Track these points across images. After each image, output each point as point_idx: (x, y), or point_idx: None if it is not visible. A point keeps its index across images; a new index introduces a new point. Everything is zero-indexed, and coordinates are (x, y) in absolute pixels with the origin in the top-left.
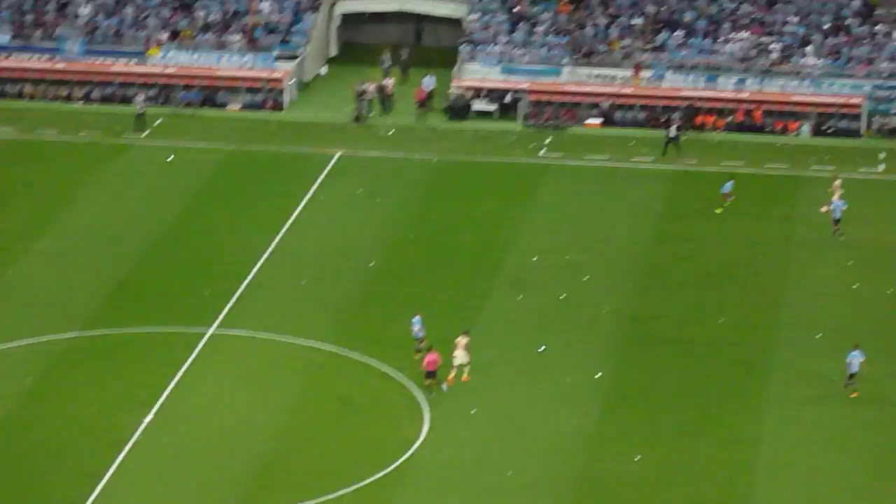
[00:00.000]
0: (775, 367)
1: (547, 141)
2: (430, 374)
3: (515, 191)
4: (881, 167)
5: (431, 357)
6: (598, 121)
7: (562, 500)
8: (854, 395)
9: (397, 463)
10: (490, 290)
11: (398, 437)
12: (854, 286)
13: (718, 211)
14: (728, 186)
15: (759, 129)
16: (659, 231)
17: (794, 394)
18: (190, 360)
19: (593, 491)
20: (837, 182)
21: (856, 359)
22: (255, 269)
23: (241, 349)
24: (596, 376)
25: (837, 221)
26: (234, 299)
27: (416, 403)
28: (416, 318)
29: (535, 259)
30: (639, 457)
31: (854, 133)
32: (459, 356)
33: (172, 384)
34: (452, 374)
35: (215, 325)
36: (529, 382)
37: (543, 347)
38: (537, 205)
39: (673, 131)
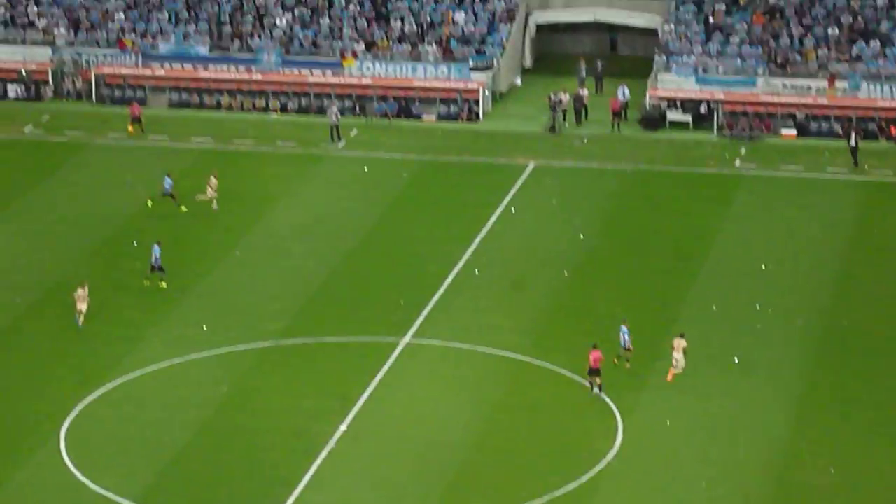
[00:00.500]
0: None
1: (742, 151)
2: (594, 372)
3: (710, 201)
4: None
5: (595, 355)
6: (792, 131)
7: None
8: None
9: (590, 474)
10: (684, 300)
11: (591, 447)
12: None
13: None
14: None
15: None
16: (853, 242)
17: None
18: (384, 369)
19: (788, 501)
20: None
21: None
22: (449, 279)
23: (435, 359)
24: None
25: None
26: (428, 309)
27: (610, 414)
28: (624, 328)
29: (728, 270)
30: (833, 469)
31: None
32: (678, 358)
33: (367, 393)
34: (671, 377)
35: (409, 334)
36: (723, 393)
37: (737, 359)
38: (732, 215)
39: (853, 140)
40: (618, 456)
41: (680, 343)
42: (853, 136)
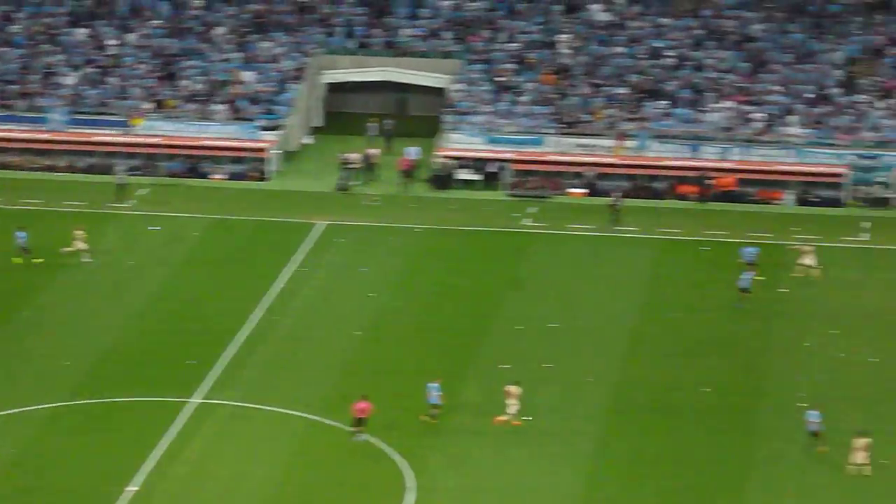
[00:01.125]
0: (759, 434)
1: (531, 210)
2: (359, 422)
3: (500, 260)
4: (865, 236)
5: (361, 405)
6: (582, 190)
7: None
8: (822, 449)
9: None
10: (476, 358)
11: None
12: (841, 355)
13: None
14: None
15: (739, 199)
16: (644, 300)
17: (779, 462)
18: (175, 428)
19: None
20: (807, 248)
21: (814, 419)
22: (240, 339)
23: (226, 417)
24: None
25: (743, 290)
26: (219, 368)
27: (400, 473)
28: (435, 385)
29: (520, 328)
30: None
31: (837, 202)
32: (512, 404)
33: (157, 453)
34: (505, 419)
35: (200, 393)
36: (515, 451)
37: (530, 417)
38: (522, 273)
39: (612, 200)
40: None
41: (513, 389)
42: (613, 196)
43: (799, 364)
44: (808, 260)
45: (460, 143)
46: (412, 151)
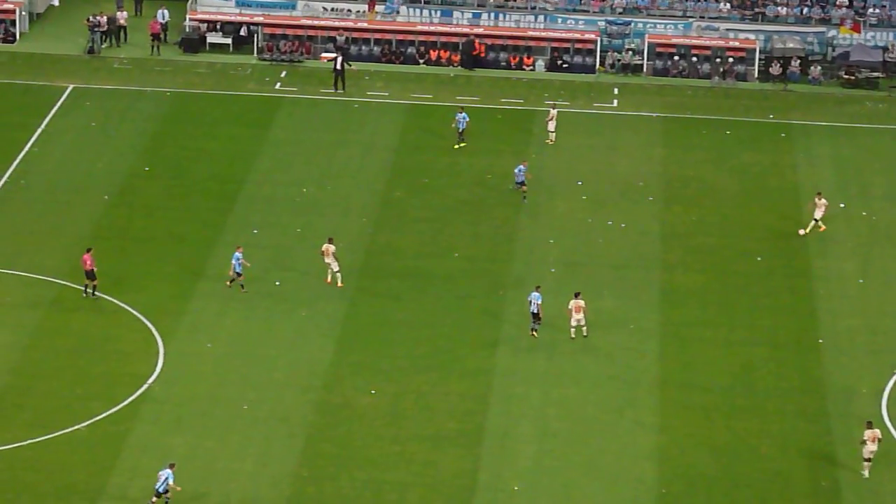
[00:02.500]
0: (509, 301)
1: (282, 74)
2: (89, 274)
3: (251, 124)
4: (615, 102)
5: (86, 257)
6: (333, 55)
7: (297, 433)
8: (533, 334)
9: (132, 397)
10: (224, 224)
11: (133, 371)
12: (589, 220)
13: (457, 146)
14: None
15: (493, 64)
16: (394, 165)
17: (528, 328)
18: None
19: (329, 424)
20: (553, 112)
21: (535, 300)
22: None
23: None
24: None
25: (520, 184)
26: None
27: (151, 338)
28: (237, 254)
29: (271, 192)
30: (373, 390)
31: (589, 69)
32: (331, 263)
33: None
34: (330, 279)
35: None
36: (265, 317)
37: (279, 282)
38: (273, 138)
39: (339, 64)
40: (158, 379)
41: (329, 248)
42: (338, 60)
43: (549, 229)
44: (552, 126)
45: (211, 5)
46: (162, 14)
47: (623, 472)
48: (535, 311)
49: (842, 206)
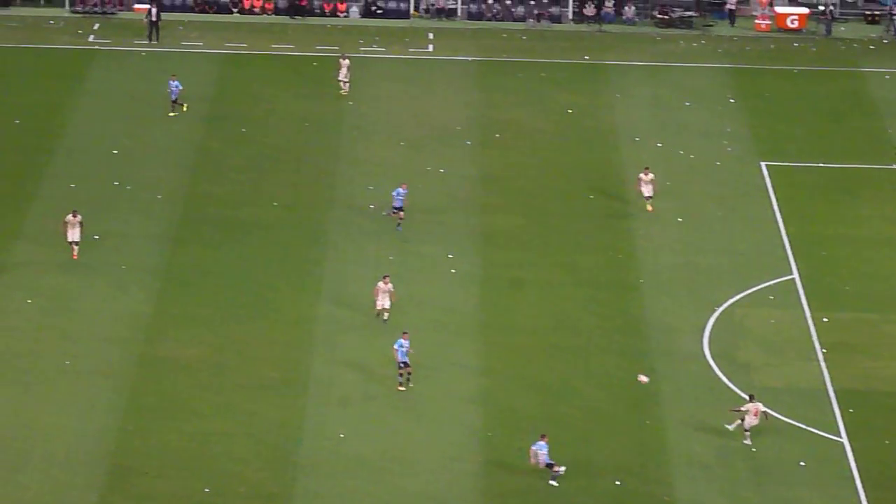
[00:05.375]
0: (331, 246)
1: (95, 27)
2: None
3: (64, 77)
4: (430, 47)
5: None
6: (145, 6)
7: (120, 386)
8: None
9: None
10: (41, 178)
11: None
12: (398, 162)
13: (172, 115)
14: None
15: (308, 12)
16: (210, 114)
17: (350, 273)
18: None
19: (152, 376)
20: (345, 62)
21: (403, 347)
22: None
23: None
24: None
25: (398, 209)
26: None
27: None
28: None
29: (85, 146)
30: (195, 341)
31: (403, 14)
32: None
33: None
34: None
35: None
36: (84, 272)
37: (98, 236)
38: (85, 91)
39: (153, 14)
40: None
41: None
42: (154, 10)
43: (368, 175)
44: (343, 74)
45: None
46: None
47: (448, 416)
48: (404, 360)
49: (659, 145)
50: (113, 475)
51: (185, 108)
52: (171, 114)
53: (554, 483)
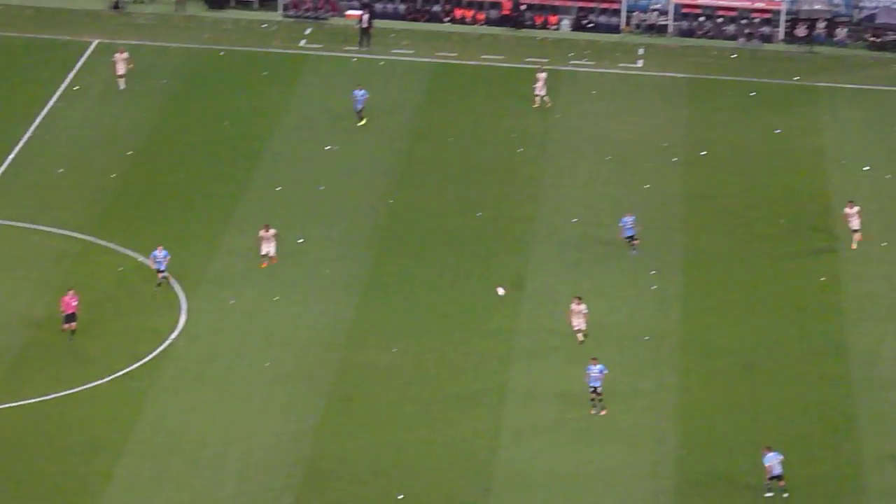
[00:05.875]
0: (534, 259)
1: (307, 31)
2: (70, 318)
3: (275, 81)
4: (639, 63)
5: (68, 299)
6: (358, 12)
7: (319, 391)
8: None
9: (154, 353)
10: (248, 181)
11: (154, 327)
12: (609, 181)
13: (360, 124)
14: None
15: (519, 23)
16: (419, 124)
17: (552, 286)
18: None
19: (350, 382)
20: (542, 75)
21: (596, 371)
22: (9, 158)
23: None
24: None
25: (630, 238)
26: None
27: (173, 294)
28: (163, 253)
29: (295, 149)
30: (396, 349)
31: (613, 29)
32: (266, 248)
33: None
34: (264, 265)
35: None
36: (288, 274)
37: (302, 240)
38: (296, 96)
39: (365, 21)
40: (181, 335)
41: (266, 233)
42: (365, 17)
43: (573, 189)
44: (539, 87)
45: None
46: None
47: (644, 434)
48: (594, 386)
49: (866, 168)
50: (309, 479)
51: (363, 122)
52: (360, 123)
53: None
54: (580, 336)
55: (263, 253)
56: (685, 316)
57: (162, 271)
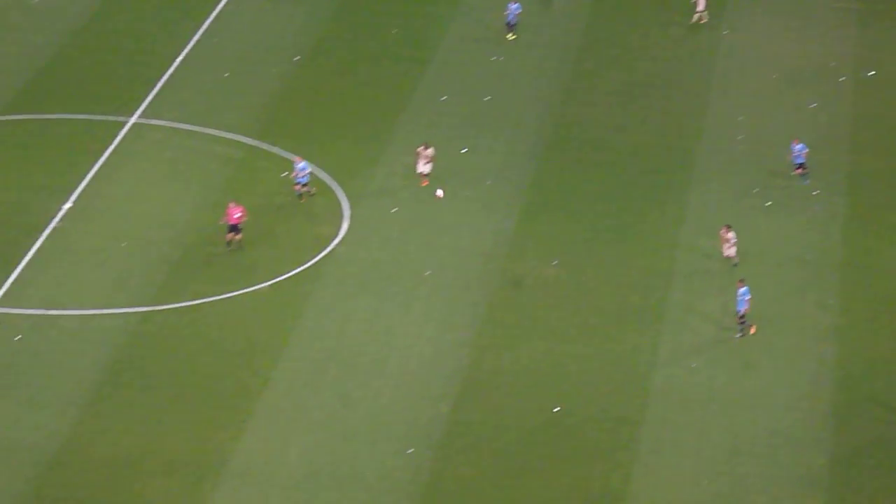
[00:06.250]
0: (695, 177)
1: None
2: (234, 229)
3: None
4: None
5: (236, 209)
6: None
7: (479, 301)
8: (752, 329)
9: (315, 259)
10: (415, 89)
11: (317, 233)
12: (775, 100)
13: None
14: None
15: None
16: (586, 37)
17: (715, 202)
18: (110, 148)
19: (510, 292)
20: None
21: (744, 297)
22: (177, 61)
23: (162, 140)
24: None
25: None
26: (156, 88)
27: (336, 201)
28: (301, 165)
29: (462, 61)
30: (556, 261)
31: None
32: (422, 167)
33: (92, 172)
34: (425, 183)
35: (137, 114)
36: (453, 182)
37: (466, 149)
38: (465, 4)
39: None
40: (343, 242)
41: (425, 151)
42: None
43: (739, 106)
44: (702, 5)
45: None
46: None
47: (803, 352)
48: (740, 309)
49: None
50: (465, 389)
51: (512, 37)
52: (510, 37)
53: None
54: (734, 260)
55: (420, 172)
56: (847, 238)
57: (304, 184)
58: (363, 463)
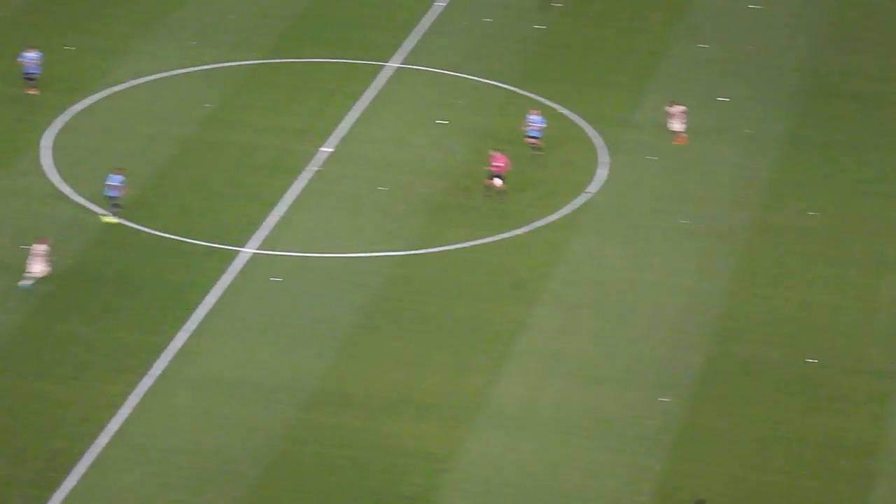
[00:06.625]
0: None
1: None
2: (496, 176)
3: None
4: None
5: (499, 158)
6: None
7: (735, 250)
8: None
9: (571, 206)
10: (674, 35)
11: (575, 180)
12: None
13: None
14: None
15: None
16: None
17: None
18: (370, 92)
19: (768, 242)
20: None
21: None
22: (439, 5)
23: (422, 85)
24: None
25: None
26: (417, 33)
27: (593, 147)
28: (536, 117)
29: (724, 5)
30: (816, 212)
31: None
32: (675, 125)
33: (352, 116)
34: (679, 141)
35: (397, 58)
36: (711, 132)
37: (727, 99)
38: None
39: None
40: (601, 189)
41: (675, 109)
42: None
43: None
44: None
45: None
46: None
47: None
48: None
49: None
50: (716, 337)
51: None
52: None
53: None
54: None
55: (673, 129)
56: None
57: (534, 137)
58: (615, 410)
